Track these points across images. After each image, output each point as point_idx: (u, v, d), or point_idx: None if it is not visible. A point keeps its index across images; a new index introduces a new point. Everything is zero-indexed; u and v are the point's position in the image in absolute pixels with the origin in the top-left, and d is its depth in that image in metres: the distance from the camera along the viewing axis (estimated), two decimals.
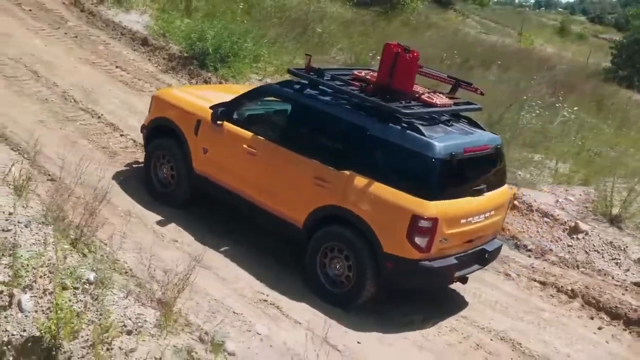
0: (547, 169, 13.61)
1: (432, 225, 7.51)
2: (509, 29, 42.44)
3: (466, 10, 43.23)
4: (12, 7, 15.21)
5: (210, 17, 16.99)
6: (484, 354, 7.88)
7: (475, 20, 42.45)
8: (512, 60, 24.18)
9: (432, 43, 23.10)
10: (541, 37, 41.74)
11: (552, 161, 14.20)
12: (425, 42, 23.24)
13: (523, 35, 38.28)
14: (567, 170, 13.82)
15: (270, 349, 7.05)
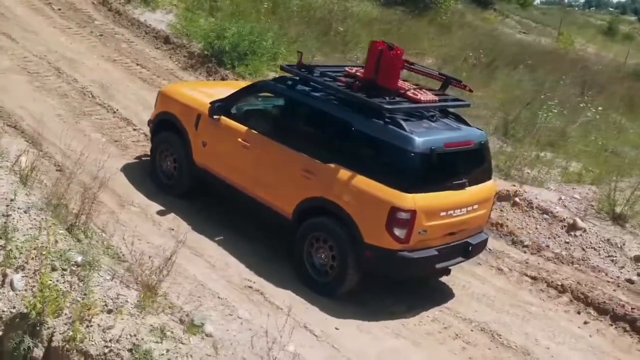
0: (559, 168, 13.63)
1: (410, 217, 7.76)
2: (550, 28, 42.03)
3: (506, 10, 42.92)
4: (43, 6, 15.86)
5: (235, 17, 17.43)
6: (462, 343, 8.09)
7: (514, 20, 42.15)
8: (545, 60, 24.07)
9: (460, 42, 23.17)
10: (584, 37, 41.19)
11: (566, 160, 14.20)
12: (453, 42, 23.38)
13: (563, 35, 37.87)
14: (580, 169, 13.82)
15: (249, 332, 7.36)
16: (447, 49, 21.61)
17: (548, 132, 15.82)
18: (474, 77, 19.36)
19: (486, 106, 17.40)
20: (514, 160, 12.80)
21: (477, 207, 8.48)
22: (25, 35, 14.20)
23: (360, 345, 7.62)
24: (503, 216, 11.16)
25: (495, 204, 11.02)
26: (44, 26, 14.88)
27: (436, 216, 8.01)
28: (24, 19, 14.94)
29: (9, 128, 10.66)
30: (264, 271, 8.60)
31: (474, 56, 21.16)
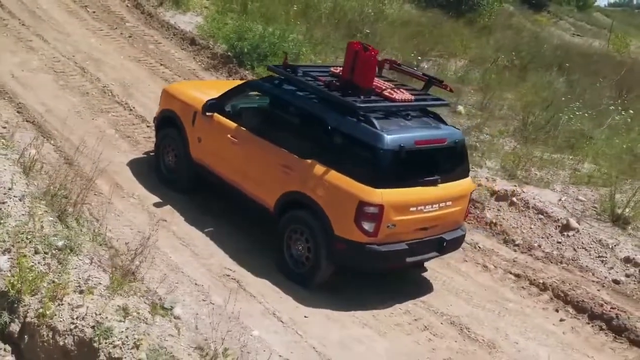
0: (571, 170, 13.69)
1: (378, 211, 8.09)
2: (606, 31, 41.29)
3: (560, 12, 42.39)
4: (78, 9, 16.67)
5: (265, 19, 17.96)
6: (429, 335, 8.36)
7: (569, 22, 41.60)
8: (587, 62, 23.84)
9: (497, 44, 23.18)
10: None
11: (580, 162, 14.24)
12: (491, 44, 23.38)
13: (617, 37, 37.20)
14: (593, 171, 13.83)
15: (218, 317, 7.77)
16: (480, 51, 21.67)
17: (569, 134, 15.80)
18: (503, 79, 19.45)
19: (511, 107, 17.49)
20: (521, 161, 12.85)
21: (450, 203, 8.73)
22: (57, 36, 14.97)
23: (325, 333, 7.97)
24: (499, 215, 11.35)
25: (492, 204, 11.27)
26: (77, 28, 15.63)
27: (405, 211, 8.30)
28: (59, 22, 15.73)
29: (27, 123, 11.35)
30: (246, 261, 9.01)
31: (506, 58, 21.13)
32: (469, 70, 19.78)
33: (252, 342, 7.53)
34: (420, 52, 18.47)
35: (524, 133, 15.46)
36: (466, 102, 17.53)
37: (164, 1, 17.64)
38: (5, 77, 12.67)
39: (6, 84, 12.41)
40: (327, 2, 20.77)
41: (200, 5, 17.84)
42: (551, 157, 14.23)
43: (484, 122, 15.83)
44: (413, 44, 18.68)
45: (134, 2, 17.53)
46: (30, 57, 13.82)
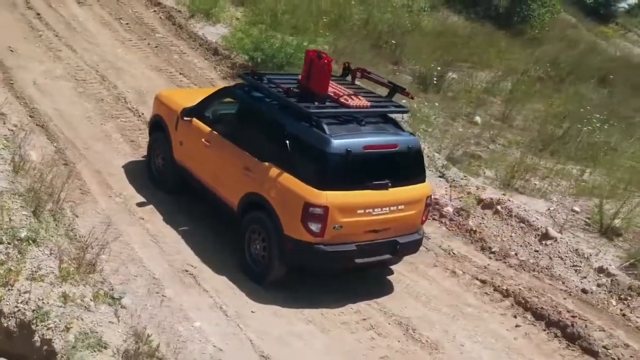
0: (577, 181, 13.65)
1: (323, 212, 8.44)
2: None
3: (629, 23, 41.37)
4: (112, 21, 17.59)
5: (294, 30, 18.51)
6: (373, 334, 8.63)
7: (638, 34, 40.60)
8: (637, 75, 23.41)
9: (537, 56, 23.04)
10: None
11: (592, 174, 14.18)
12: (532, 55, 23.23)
13: None
14: (604, 183, 13.74)
15: (166, 309, 8.31)
16: (516, 62, 21.60)
17: (590, 145, 15.71)
18: (534, 90, 19.38)
19: (535, 118, 17.45)
20: (520, 171, 12.90)
21: (403, 207, 8.99)
22: (86, 46, 15.87)
23: (267, 327, 8.34)
24: (482, 223, 11.47)
25: (478, 212, 11.42)
26: (107, 39, 16.51)
27: (352, 213, 8.61)
28: (92, 33, 16.66)
29: (37, 127, 12.14)
30: (211, 259, 9.46)
31: (541, 70, 21.03)
32: (499, 81, 19.76)
33: (190, 332, 7.95)
34: (444, 63, 18.53)
35: (537, 143, 15.40)
36: (489, 112, 17.56)
37: (195, 13, 18.28)
38: (27, 84, 13.54)
39: (26, 90, 13.27)
40: (362, 14, 21.10)
41: (231, 17, 18.43)
42: (561, 167, 14.18)
43: (498, 132, 15.84)
44: (437, 55, 18.71)
45: (167, 14, 18.30)
46: (55, 65, 14.68)
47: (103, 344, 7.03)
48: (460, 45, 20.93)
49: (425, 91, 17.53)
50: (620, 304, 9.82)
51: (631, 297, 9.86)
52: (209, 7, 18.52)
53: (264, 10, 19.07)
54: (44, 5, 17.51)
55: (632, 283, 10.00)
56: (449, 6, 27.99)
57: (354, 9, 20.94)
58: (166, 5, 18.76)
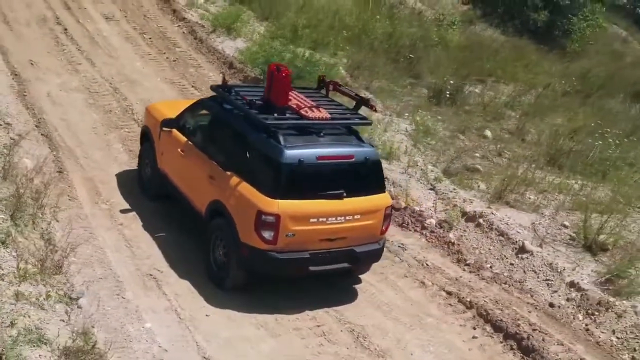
0: (575, 195, 13.55)
1: (275, 220, 8.72)
2: None
3: None
4: (136, 36, 18.26)
5: (314, 44, 18.90)
6: (322, 341, 8.82)
7: None
8: None
9: (569, 70, 22.79)
10: None
11: (595, 189, 14.05)
12: (563, 69, 22.97)
13: None
14: (606, 198, 13.61)
15: (122, 310, 8.70)
16: (544, 77, 21.44)
17: (598, 162, 15.56)
18: (558, 104, 19.21)
19: (552, 133, 17.30)
20: (512, 184, 12.89)
21: (359, 217, 9.18)
22: (106, 60, 16.55)
23: (217, 330, 8.64)
24: (463, 236, 11.55)
25: (461, 224, 11.55)
26: (127, 52, 17.17)
27: (305, 222, 8.86)
28: (114, 47, 17.34)
29: (42, 136, 12.76)
30: (178, 264, 9.83)
31: (567, 84, 20.83)
32: (520, 95, 19.67)
33: (139, 332, 8.31)
34: (462, 76, 18.57)
35: (544, 157, 15.33)
36: (504, 126, 17.52)
37: (217, 28, 18.82)
38: (41, 95, 14.25)
39: (38, 101, 13.96)
40: (387, 28, 21.31)
41: (252, 32, 18.87)
42: (563, 182, 14.09)
43: (508, 146, 15.81)
44: (455, 69, 18.76)
45: (190, 29, 18.88)
46: (72, 78, 15.38)
47: (45, 340, 7.43)
48: (485, 59, 20.81)
49: (439, 104, 17.58)
50: (587, 319, 9.76)
51: (599, 313, 9.78)
52: (230, 22, 18.99)
53: (285, 24, 19.41)
54: (73, 21, 18.27)
55: (602, 298, 9.91)
56: (486, 20, 27.89)
57: (378, 23, 21.07)
58: (190, 20, 19.32)
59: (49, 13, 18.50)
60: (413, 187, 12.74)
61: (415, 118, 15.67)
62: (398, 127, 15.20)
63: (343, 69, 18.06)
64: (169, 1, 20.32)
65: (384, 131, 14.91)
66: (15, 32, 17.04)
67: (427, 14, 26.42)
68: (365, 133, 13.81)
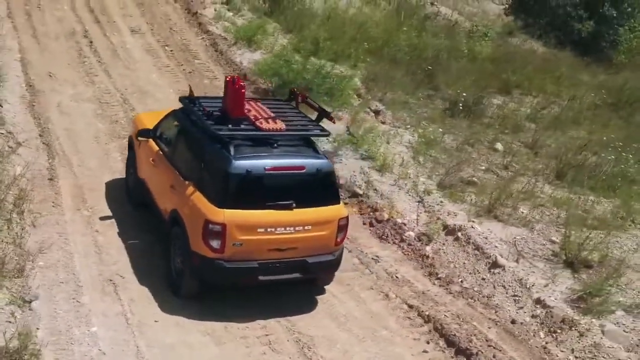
0: (575, 211, 13.26)
1: (221, 229, 8.89)
2: None
3: None
4: (158, 48, 18.76)
5: (335, 56, 19.05)
6: (266, 350, 8.90)
7: None
8: None
9: (605, 83, 22.24)
10: None
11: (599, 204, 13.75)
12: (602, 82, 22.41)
13: None
14: (609, 214, 13.30)
15: (73, 314, 8.99)
16: (575, 89, 20.98)
17: (608, 177, 15.19)
18: (581, 118, 18.81)
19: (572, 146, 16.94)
20: (499, 198, 12.72)
21: (310, 227, 9.24)
22: (123, 72, 17.08)
23: (161, 336, 8.83)
24: (441, 249, 11.46)
25: (441, 237, 11.46)
26: (146, 64, 17.67)
27: (252, 231, 8.99)
28: (134, 59, 17.87)
29: (43, 145, 13.29)
30: (143, 270, 10.07)
31: (597, 96, 20.35)
32: (544, 108, 19.32)
33: (83, 336, 8.59)
34: (481, 88, 18.36)
35: (553, 171, 15.06)
36: (521, 139, 17.22)
37: (239, 40, 19.16)
38: (51, 106, 14.83)
39: (47, 111, 14.55)
40: (413, 39, 21.27)
41: (272, 44, 19.12)
42: (566, 196, 13.81)
43: (518, 159, 15.56)
44: (473, 80, 18.56)
45: (212, 41, 19.26)
46: (86, 89, 15.93)
47: None
48: (511, 71, 20.50)
49: (453, 116, 17.42)
50: (548, 337, 9.56)
51: (561, 331, 9.56)
52: (252, 34, 19.28)
53: (307, 36, 19.60)
54: (99, 34, 18.90)
55: (567, 316, 9.68)
56: (527, 31, 27.47)
57: (403, 34, 21.04)
58: (214, 32, 19.72)
59: (79, 27, 19.16)
60: (400, 199, 12.67)
61: (418, 130, 15.55)
62: (401, 138, 15.15)
63: (359, 80, 18.02)
64: (196, 14, 20.69)
65: (386, 142, 14.84)
66: (42, 46, 17.72)
67: (465, 24, 26.23)
68: (365, 144, 13.98)
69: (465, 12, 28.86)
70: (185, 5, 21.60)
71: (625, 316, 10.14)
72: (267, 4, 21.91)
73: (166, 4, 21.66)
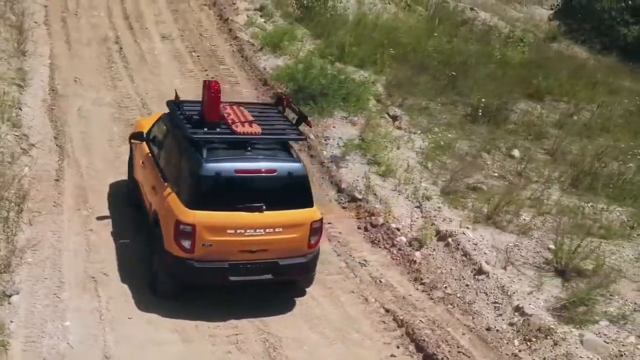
0: (584, 218, 13.07)
1: (191, 230, 9.11)
2: None
3: None
4: (185, 54, 19.20)
5: (361, 62, 19.18)
6: (232, 348, 9.05)
7: None
8: None
9: None
10: None
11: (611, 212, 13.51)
12: None
13: None
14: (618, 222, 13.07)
15: (51, 309, 9.34)
16: (611, 95, 20.56)
17: (626, 184, 14.89)
18: (611, 125, 18.44)
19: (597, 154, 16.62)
20: (499, 205, 12.61)
21: (281, 230, 9.38)
22: (147, 77, 17.54)
23: (132, 333, 9.08)
24: (431, 255, 11.45)
25: (433, 243, 11.46)
26: (171, 70, 18.10)
27: (222, 233, 9.19)
28: (160, 64, 18.33)
29: (56, 147, 13.78)
30: (127, 269, 10.35)
31: (631, 103, 19.90)
32: (573, 114, 18.99)
33: (56, 330, 8.92)
34: (507, 94, 18.16)
35: (568, 179, 14.83)
36: (544, 146, 16.96)
37: (265, 46, 19.45)
38: (71, 110, 15.35)
39: (66, 114, 15.06)
40: (444, 45, 21.20)
41: (297, 50, 19.33)
42: (576, 204, 13.60)
43: (534, 166, 15.35)
44: (495, 86, 18.38)
45: (239, 47, 19.59)
46: (108, 94, 16.42)
47: None
48: (542, 77, 20.20)
49: (474, 122, 17.27)
50: (522, 345, 9.47)
51: (537, 339, 9.44)
52: (278, 40, 19.52)
53: (333, 42, 19.75)
54: (130, 40, 19.45)
55: (543, 324, 9.56)
56: (572, 37, 27.01)
57: (433, 40, 20.98)
58: (242, 38, 20.04)
59: (111, 33, 19.75)
60: (398, 205, 12.68)
61: (430, 135, 15.51)
62: (413, 144, 15.12)
63: (382, 86, 18.07)
64: (227, 21, 21.05)
65: (396, 148, 14.84)
66: (73, 51, 18.34)
67: (504, 30, 25.96)
68: (371, 150, 14.01)
69: (507, 18, 28.53)
70: (219, 12, 21.95)
71: (610, 326, 9.93)
72: (299, 11, 22.06)
73: (200, 11, 22.09)
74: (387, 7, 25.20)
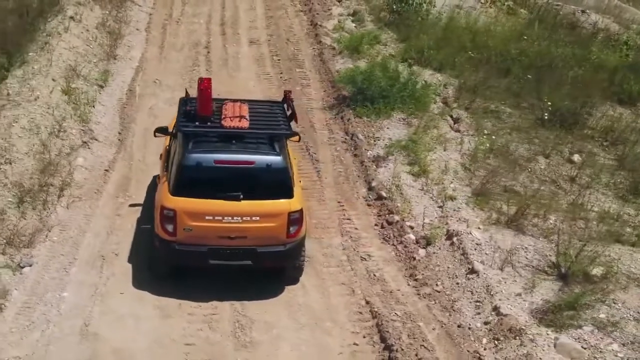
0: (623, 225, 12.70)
1: (173, 214, 9.91)
2: None
3: None
4: (267, 57, 20.09)
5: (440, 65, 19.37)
6: (204, 326, 9.73)
7: None
8: None
9: None
10: None
11: None
12: None
13: None
14: None
15: (57, 281, 10.42)
16: None
17: None
18: None
19: None
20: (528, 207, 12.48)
21: (259, 219, 9.96)
22: (224, 79, 18.52)
23: (116, 307, 9.98)
24: (436, 253, 11.56)
25: (441, 242, 11.63)
26: (248, 73, 19.04)
27: (201, 218, 9.90)
28: (240, 67, 19.31)
29: (117, 140, 15.05)
30: (137, 251, 11.25)
31: None
32: None
33: (53, 299, 9.99)
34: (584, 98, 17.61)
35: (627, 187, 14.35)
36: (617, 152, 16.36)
37: (344, 50, 20.02)
38: (143, 108, 16.60)
39: (136, 112, 16.32)
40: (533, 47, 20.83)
41: (376, 53, 19.74)
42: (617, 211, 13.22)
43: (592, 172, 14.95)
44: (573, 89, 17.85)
45: (320, 51, 20.25)
46: (181, 94, 17.50)
47: None
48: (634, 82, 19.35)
49: (544, 126, 16.91)
50: (490, 344, 9.46)
51: (505, 339, 9.42)
52: (357, 44, 20.01)
53: (414, 46, 19.97)
54: (219, 45, 20.59)
55: (515, 325, 9.50)
56: None
57: (520, 43, 20.66)
58: (325, 43, 20.65)
59: (204, 38, 20.97)
60: (420, 204, 12.82)
61: (482, 138, 15.42)
62: (462, 146, 15.10)
63: (453, 88, 18.10)
64: (317, 26, 21.76)
65: (443, 150, 14.92)
66: (163, 55, 19.70)
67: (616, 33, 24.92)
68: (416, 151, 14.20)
69: (624, 19, 27.28)
70: (312, 17, 22.66)
71: (595, 332, 9.73)
72: (390, 15, 22.37)
73: (295, 17, 22.90)
74: (489, 11, 24.86)
